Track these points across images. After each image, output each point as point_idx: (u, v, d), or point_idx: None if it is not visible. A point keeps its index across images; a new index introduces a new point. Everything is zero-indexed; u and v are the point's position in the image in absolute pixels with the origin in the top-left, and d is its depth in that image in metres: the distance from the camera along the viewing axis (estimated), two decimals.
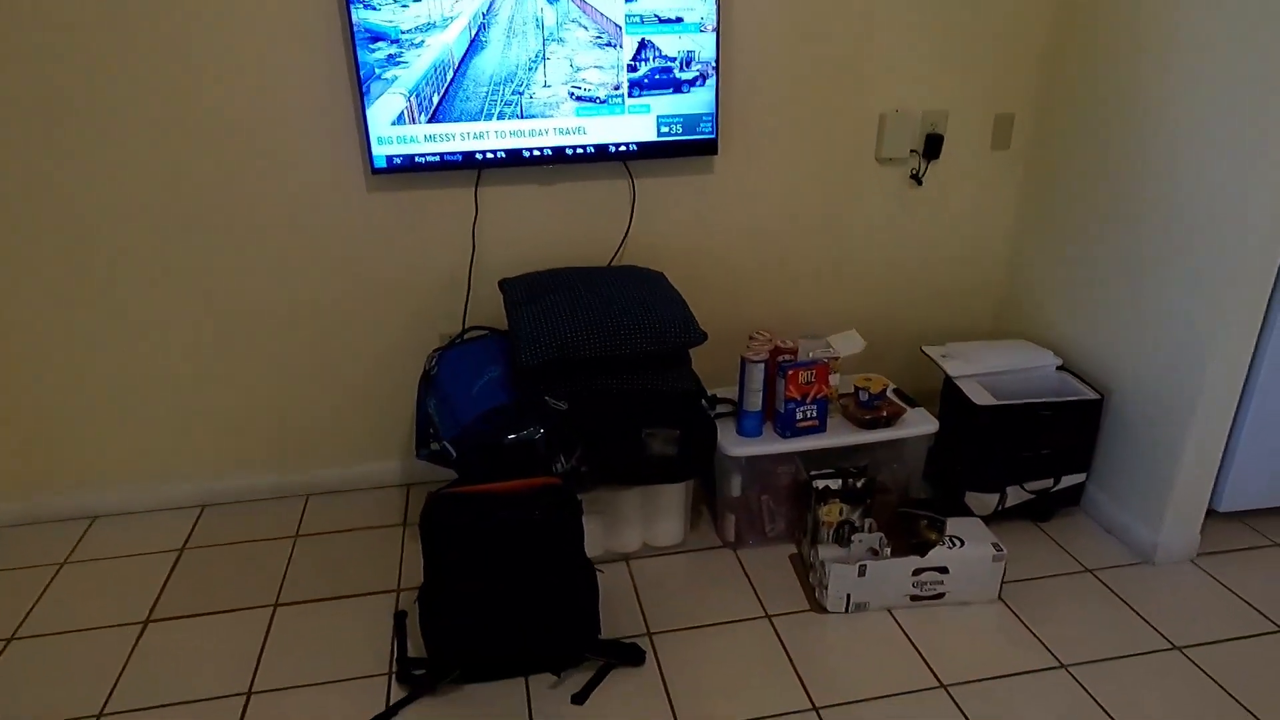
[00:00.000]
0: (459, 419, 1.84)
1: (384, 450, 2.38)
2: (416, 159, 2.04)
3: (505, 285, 2.05)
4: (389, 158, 2.02)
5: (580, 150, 2.10)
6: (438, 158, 2.05)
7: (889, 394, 2.16)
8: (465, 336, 2.16)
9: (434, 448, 1.87)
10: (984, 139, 2.39)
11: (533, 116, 2.04)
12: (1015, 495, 2.16)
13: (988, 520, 2.20)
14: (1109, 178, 2.13)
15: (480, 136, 2.05)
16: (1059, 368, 2.25)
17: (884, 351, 2.58)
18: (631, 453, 1.84)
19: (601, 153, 2.12)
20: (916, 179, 2.38)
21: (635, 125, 2.10)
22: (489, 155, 2.06)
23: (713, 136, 2.15)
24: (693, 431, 1.87)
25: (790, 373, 1.99)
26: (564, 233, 2.25)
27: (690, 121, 2.13)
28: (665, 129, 2.12)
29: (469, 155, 2.06)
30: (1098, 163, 2.17)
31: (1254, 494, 2.16)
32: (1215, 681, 1.72)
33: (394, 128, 2.00)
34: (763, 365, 1.99)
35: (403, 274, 2.21)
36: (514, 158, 2.08)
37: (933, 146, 2.34)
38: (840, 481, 1.95)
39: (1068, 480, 2.17)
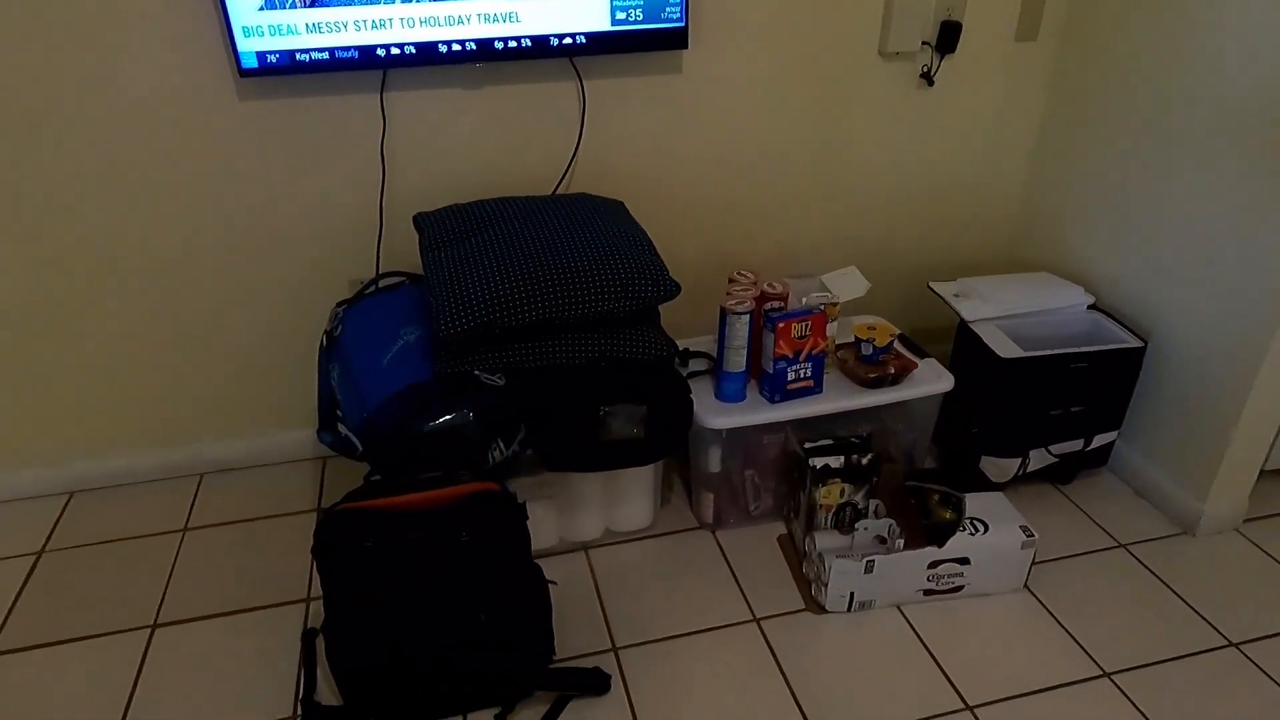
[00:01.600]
0: (366, 400, 1.44)
1: (291, 417, 1.99)
2: (298, 56, 1.56)
3: (421, 222, 1.61)
4: (261, 55, 1.55)
5: (513, 43, 1.64)
6: (326, 54, 1.57)
7: (896, 345, 1.81)
8: (377, 286, 1.74)
9: (340, 432, 1.48)
10: (1008, 27, 1.96)
11: None
12: (1039, 459, 1.85)
13: (1004, 487, 1.90)
14: (1157, 74, 1.74)
15: (382, 25, 1.57)
16: (1090, 307, 1.91)
17: (884, 287, 2.21)
18: (588, 435, 1.47)
19: (541, 47, 1.66)
20: (927, 78, 1.96)
21: (583, 10, 1.64)
22: (395, 50, 1.60)
23: (682, 24, 1.70)
24: (663, 405, 1.50)
25: (781, 325, 1.62)
26: (497, 151, 1.81)
27: (653, 5, 1.67)
28: (622, 15, 1.67)
29: (368, 51, 1.59)
30: (1144, 55, 1.77)
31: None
32: (1277, 684, 1.46)
33: (264, 14, 1.51)
34: (747, 318, 1.61)
35: (295, 207, 1.76)
36: (428, 54, 1.61)
37: (948, 37, 1.91)
38: (841, 459, 1.61)
39: (1099, 440, 1.87)
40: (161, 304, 1.79)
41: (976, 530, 1.58)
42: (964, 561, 1.58)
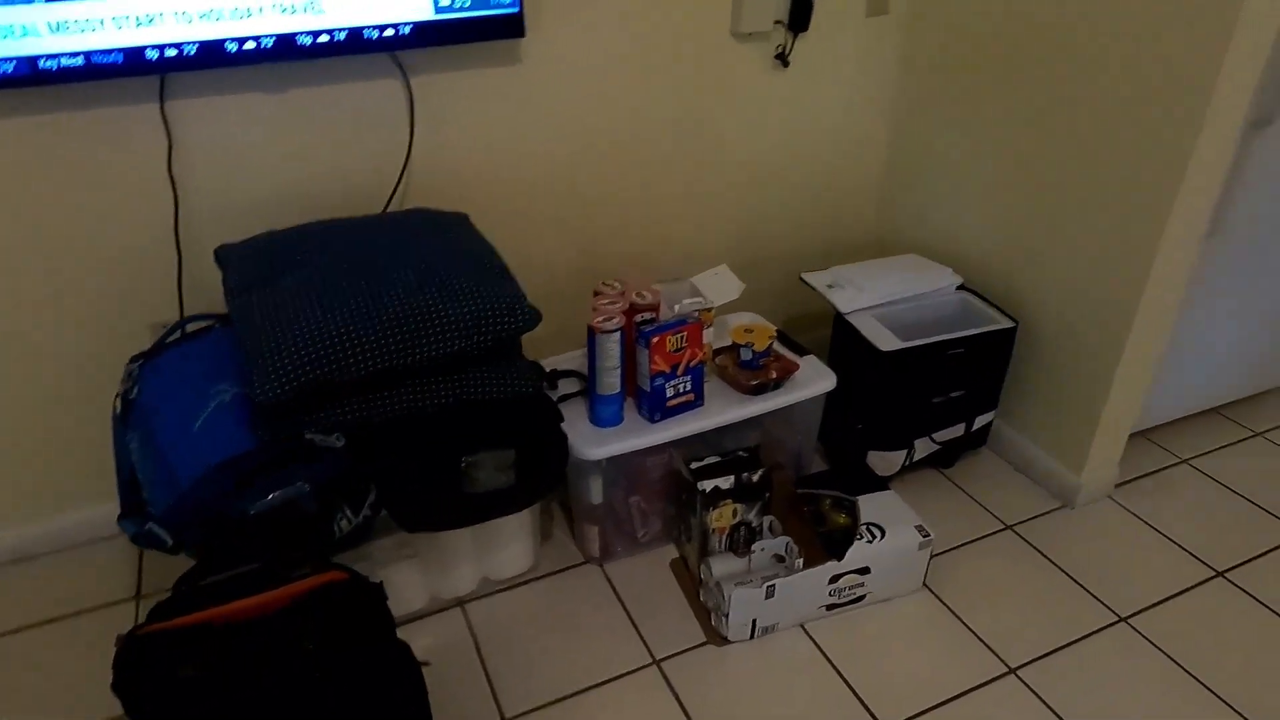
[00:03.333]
0: (175, 477, 1.20)
1: (97, 488, 1.68)
2: (42, 64, 1.27)
3: (225, 258, 1.36)
4: None
5: (321, 39, 1.40)
6: (81, 60, 1.28)
7: (775, 346, 1.71)
8: (180, 333, 1.47)
9: (146, 528, 1.23)
10: (859, 3, 1.89)
11: None
12: (923, 448, 1.82)
13: (891, 479, 1.86)
14: (1011, 45, 1.71)
15: (150, 21, 1.30)
16: (960, 287, 1.88)
17: (757, 277, 2.12)
18: (449, 490, 1.29)
19: (356, 41, 1.43)
20: (782, 58, 1.86)
21: None
22: (170, 52, 1.33)
23: (515, 10, 1.51)
24: (534, 447, 1.34)
25: (655, 340, 1.48)
26: (314, 164, 1.56)
27: None
28: (446, 1, 1.46)
29: (135, 54, 1.31)
30: (997, 23, 1.74)
31: (1159, 411, 1.95)
32: (1166, 654, 1.48)
33: None
34: (618, 335, 1.47)
35: (69, 245, 1.45)
36: (213, 54, 1.35)
37: (800, 15, 1.81)
38: (731, 478, 1.50)
39: (979, 421, 1.86)
40: None
41: (874, 537, 1.51)
42: (864, 571, 1.51)
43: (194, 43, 1.33)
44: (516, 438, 1.30)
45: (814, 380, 1.67)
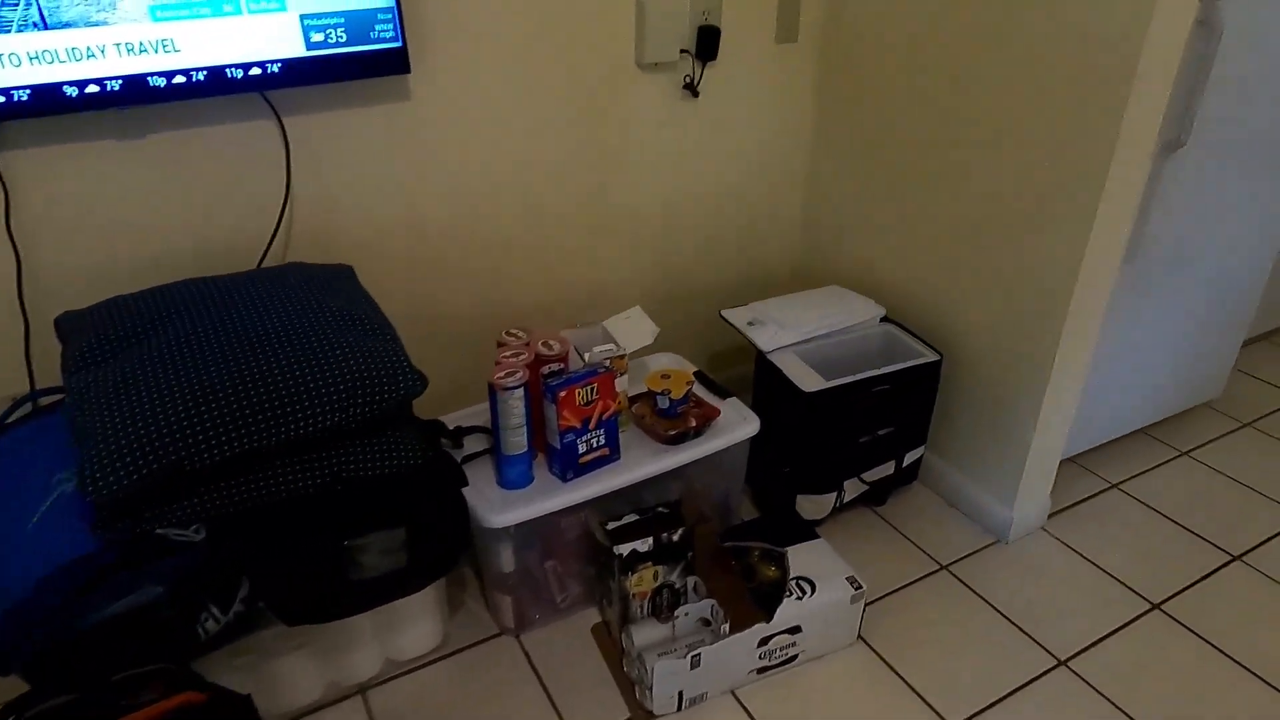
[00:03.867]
0: (7, 583, 1.04)
1: None
2: None
3: (66, 328, 1.21)
4: None
5: (178, 80, 1.27)
6: None
7: (695, 391, 1.62)
8: (32, 406, 1.31)
9: None
10: (768, 30, 1.83)
11: (70, 26, 1.18)
12: (853, 489, 1.75)
13: (823, 522, 1.79)
14: (920, 72, 1.67)
15: None
16: (883, 319, 1.83)
17: (676, 315, 2.04)
18: (332, 578, 1.16)
19: (219, 81, 1.30)
20: (691, 89, 1.79)
21: (266, 33, 1.30)
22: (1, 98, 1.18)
23: (398, 44, 1.40)
24: (428, 523, 1.21)
25: (563, 394, 1.38)
26: (178, 217, 1.42)
27: (358, 23, 1.36)
28: (319, 36, 1.34)
29: None
30: (905, 52, 1.70)
31: (1088, 436, 1.92)
32: (1107, 699, 1.43)
33: None
34: (522, 391, 1.36)
35: None
36: (50, 99, 1.21)
37: (707, 43, 1.74)
38: (650, 540, 1.40)
39: (909, 458, 1.79)
40: None
41: (804, 593, 1.43)
42: (795, 630, 1.42)
43: (25, 88, 1.19)
44: (406, 514, 1.18)
45: (737, 425, 1.58)
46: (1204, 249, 1.79)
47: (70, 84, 1.21)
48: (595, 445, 1.45)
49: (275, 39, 1.31)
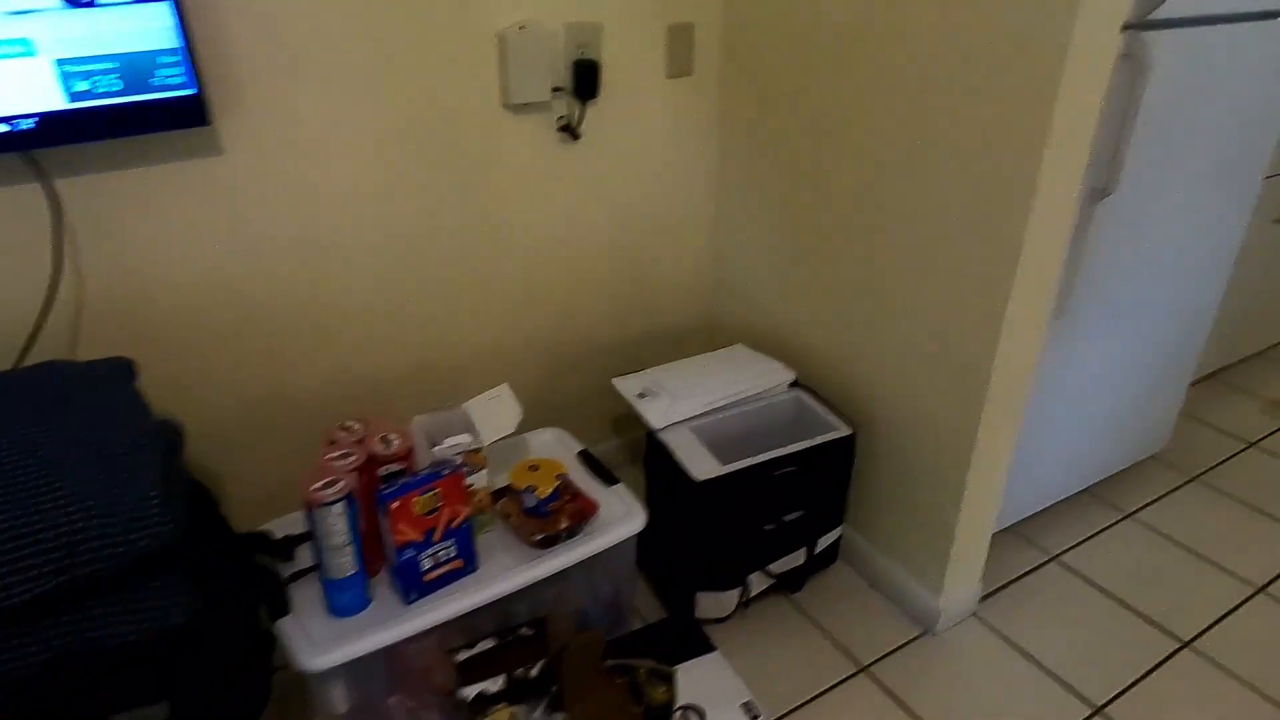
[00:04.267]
0: None
1: None
2: None
3: None
4: None
5: None
6: None
7: (568, 482, 1.41)
8: None
9: None
10: (656, 62, 1.64)
11: None
12: (760, 581, 1.55)
13: (727, 619, 1.58)
14: (829, 116, 1.49)
15: None
16: (793, 384, 1.63)
17: (567, 381, 1.83)
18: None
19: None
20: (570, 130, 1.59)
21: (15, 82, 1.07)
22: None
23: (192, 91, 1.18)
24: (198, 692, 0.98)
25: (395, 505, 1.16)
26: None
27: (135, 67, 1.13)
28: (84, 86, 1.11)
29: None
30: (813, 93, 1.51)
31: (1024, 503, 1.74)
32: None
33: None
34: (343, 505, 1.13)
35: None
36: None
37: (586, 80, 1.54)
38: (502, 679, 1.19)
39: (824, 542, 1.60)
40: None
41: None
42: None
43: None
44: (167, 687, 0.94)
45: (619, 520, 1.37)
46: (1141, 296, 1.63)
47: None
48: (444, 559, 1.23)
49: (27, 90, 1.08)
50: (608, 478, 1.46)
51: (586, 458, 1.51)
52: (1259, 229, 2.07)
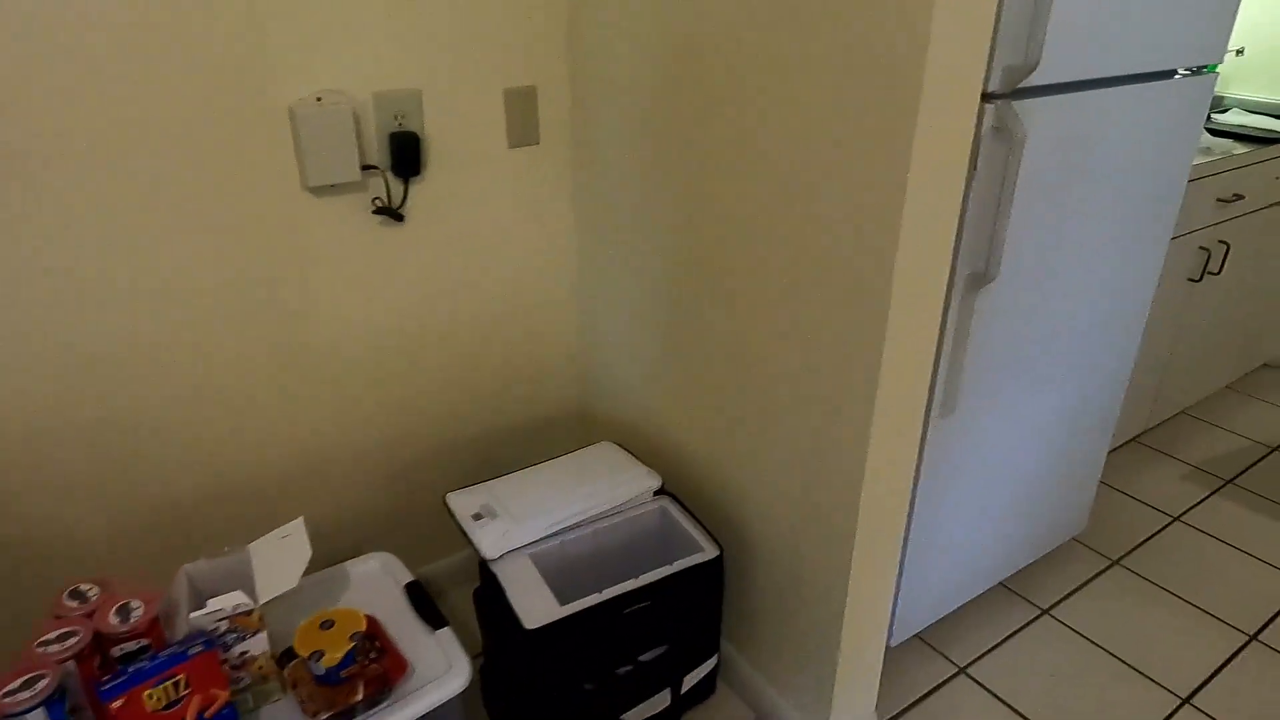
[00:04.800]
0: None
1: None
2: None
3: None
4: None
5: None
6: None
7: (372, 638, 1.18)
8: None
9: None
10: (495, 131, 1.45)
11: None
12: None
13: None
14: (686, 193, 1.31)
15: None
16: (658, 492, 1.44)
17: (410, 493, 1.61)
18: None
19: None
20: (391, 213, 1.38)
21: None
22: None
23: None
24: None
25: (118, 705, 0.93)
26: None
27: None
28: None
29: None
30: (667, 164, 1.34)
31: (930, 609, 1.56)
32: None
33: None
34: (41, 713, 0.90)
35: None
36: None
37: (405, 154, 1.35)
38: None
39: (693, 679, 1.39)
40: None
41: None
42: None
43: None
44: None
45: (438, 680, 1.15)
46: (1041, 378, 1.47)
47: None
48: None
49: None
50: (435, 619, 1.24)
51: (414, 593, 1.29)
52: (1173, 287, 1.95)
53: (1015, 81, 1.11)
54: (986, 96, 1.11)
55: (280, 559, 1.15)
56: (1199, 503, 2.04)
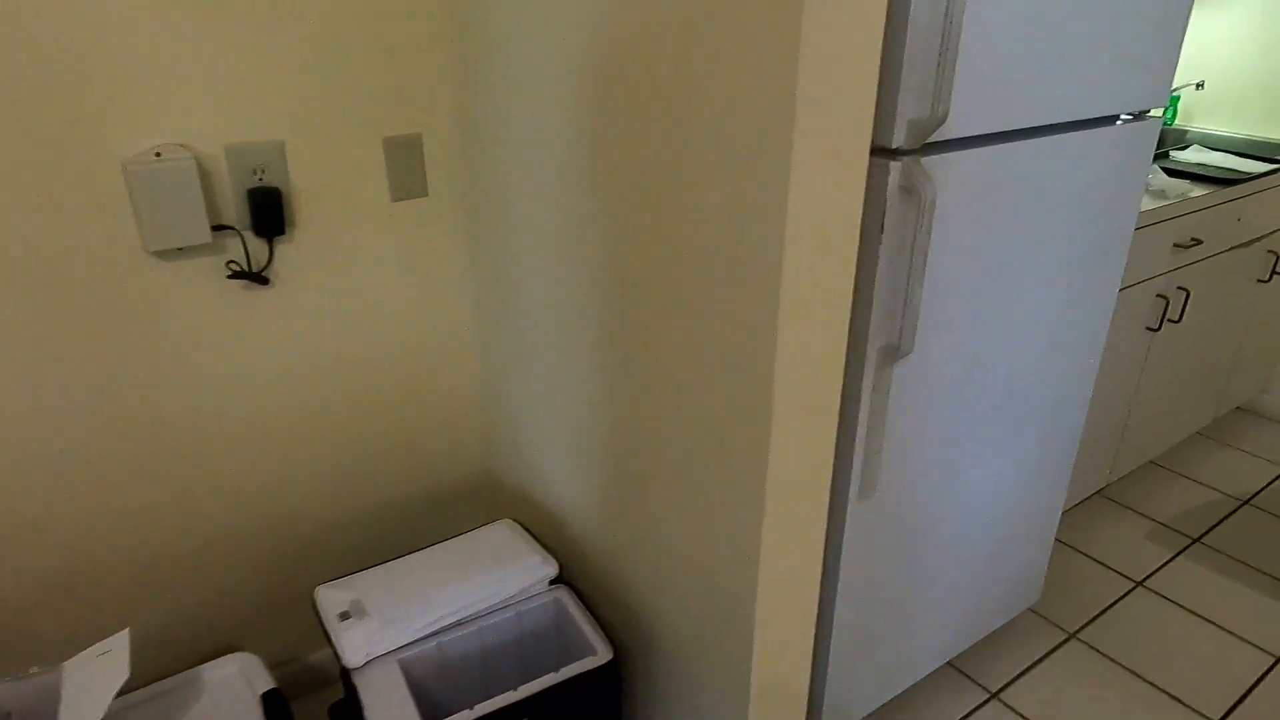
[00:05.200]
0: None
1: None
2: None
3: None
4: None
5: None
6: None
7: None
8: None
9: None
10: (375, 183, 1.32)
11: None
12: None
13: None
14: (580, 237, 1.18)
15: None
16: (555, 580, 1.30)
17: (293, 579, 1.46)
18: None
19: None
20: (253, 277, 1.25)
21: None
22: None
23: None
24: None
25: None
26: None
27: None
28: None
29: None
30: (563, 209, 1.21)
31: (859, 705, 1.42)
32: None
33: None
34: None
35: None
36: None
37: (267, 212, 1.22)
38: None
39: None
40: None
41: None
42: None
43: None
44: None
45: None
46: (975, 451, 1.34)
47: None
48: None
49: None
50: None
51: (270, 704, 1.14)
52: (1130, 338, 1.83)
53: (923, 136, 0.99)
54: (891, 153, 0.98)
55: (92, 682, 1.00)
56: (1163, 565, 1.91)
